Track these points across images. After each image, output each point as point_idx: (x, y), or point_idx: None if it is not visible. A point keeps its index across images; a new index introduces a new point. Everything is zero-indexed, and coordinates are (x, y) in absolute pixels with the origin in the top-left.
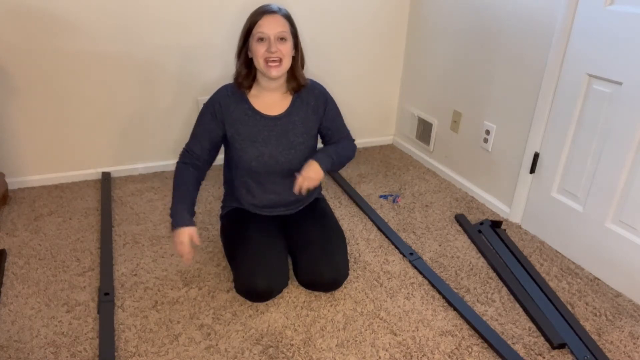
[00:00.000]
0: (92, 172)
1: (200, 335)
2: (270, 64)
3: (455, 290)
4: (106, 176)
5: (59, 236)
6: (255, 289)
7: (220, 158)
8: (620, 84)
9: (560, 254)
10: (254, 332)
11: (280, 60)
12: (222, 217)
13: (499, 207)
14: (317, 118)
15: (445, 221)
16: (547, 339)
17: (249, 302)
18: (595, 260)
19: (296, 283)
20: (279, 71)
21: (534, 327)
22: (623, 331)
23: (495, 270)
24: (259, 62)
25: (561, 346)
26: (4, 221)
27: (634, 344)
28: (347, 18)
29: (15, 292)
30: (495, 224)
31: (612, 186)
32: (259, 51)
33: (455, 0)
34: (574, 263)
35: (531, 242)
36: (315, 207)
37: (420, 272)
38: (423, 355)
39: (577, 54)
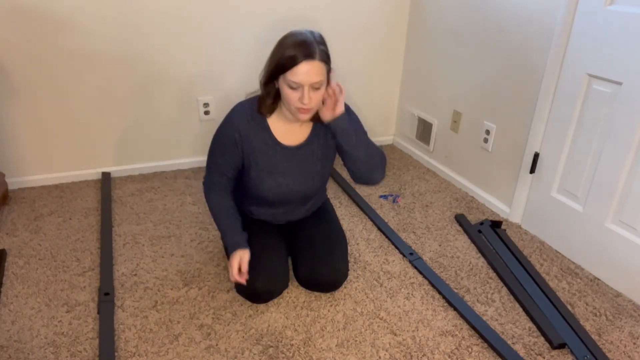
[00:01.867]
0: (92, 172)
1: (200, 335)
2: (300, 110)
3: (455, 290)
4: (106, 176)
5: (59, 236)
6: (256, 290)
7: None
8: (620, 84)
9: (560, 254)
10: (254, 332)
11: (310, 109)
12: None
13: (499, 207)
14: (335, 141)
15: (445, 221)
16: (547, 339)
17: (249, 302)
18: (595, 260)
19: (296, 283)
20: (309, 116)
21: (534, 327)
22: (623, 331)
23: (495, 270)
24: (289, 106)
25: (561, 346)
26: (4, 221)
27: (634, 344)
28: (347, 18)
29: (15, 292)
30: (495, 224)
31: (612, 186)
32: (290, 97)
33: (456, 0)
34: (574, 263)
35: (531, 242)
36: (319, 210)
37: (420, 272)
38: (423, 355)
39: (577, 54)
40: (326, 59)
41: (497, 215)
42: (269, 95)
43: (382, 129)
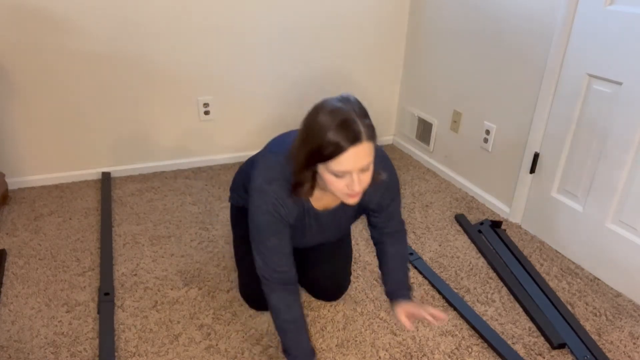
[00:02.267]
0: (92, 172)
1: (200, 335)
2: (349, 194)
3: (455, 290)
4: (106, 176)
5: (59, 236)
6: (258, 299)
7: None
8: (620, 84)
9: (560, 254)
10: (254, 332)
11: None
12: (238, 209)
13: (499, 207)
14: (369, 202)
15: (445, 221)
16: (547, 339)
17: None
18: (595, 260)
19: None
20: (358, 200)
21: (534, 327)
22: (623, 331)
23: (495, 270)
24: (335, 192)
25: (561, 346)
26: (4, 221)
27: (634, 344)
28: (347, 18)
29: (15, 292)
30: (495, 224)
31: (612, 186)
32: (335, 185)
33: (456, 0)
34: (574, 263)
35: (531, 242)
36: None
37: (420, 272)
38: (423, 355)
39: (577, 54)
40: (373, 134)
41: (497, 215)
42: (306, 180)
43: (382, 129)
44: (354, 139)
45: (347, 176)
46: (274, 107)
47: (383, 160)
